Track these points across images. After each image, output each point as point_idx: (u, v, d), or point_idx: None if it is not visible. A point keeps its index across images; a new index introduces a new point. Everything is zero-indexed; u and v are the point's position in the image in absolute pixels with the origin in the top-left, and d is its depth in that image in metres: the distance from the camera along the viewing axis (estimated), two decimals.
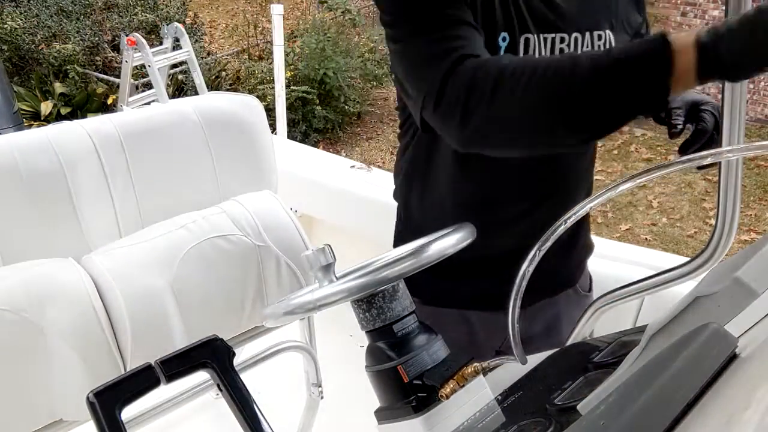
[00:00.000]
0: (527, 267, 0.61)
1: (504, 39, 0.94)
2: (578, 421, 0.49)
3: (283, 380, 1.89)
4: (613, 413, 0.45)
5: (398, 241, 1.22)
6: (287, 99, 4.94)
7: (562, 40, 0.95)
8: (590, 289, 1.25)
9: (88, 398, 0.58)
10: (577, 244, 1.17)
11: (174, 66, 4.66)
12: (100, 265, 1.23)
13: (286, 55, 6.39)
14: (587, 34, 0.95)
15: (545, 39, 0.94)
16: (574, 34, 0.95)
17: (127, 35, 4.00)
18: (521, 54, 0.94)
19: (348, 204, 2.24)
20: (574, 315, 1.16)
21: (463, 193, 1.08)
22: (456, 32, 0.83)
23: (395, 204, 1.24)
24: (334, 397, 1.67)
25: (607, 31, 0.97)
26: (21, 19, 6.43)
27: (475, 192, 1.07)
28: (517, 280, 0.62)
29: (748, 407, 0.35)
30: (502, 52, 0.93)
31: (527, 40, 0.93)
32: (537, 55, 0.95)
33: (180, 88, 6.58)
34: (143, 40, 3.86)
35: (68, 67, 6.29)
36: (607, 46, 0.96)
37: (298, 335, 1.54)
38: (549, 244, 0.62)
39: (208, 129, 1.50)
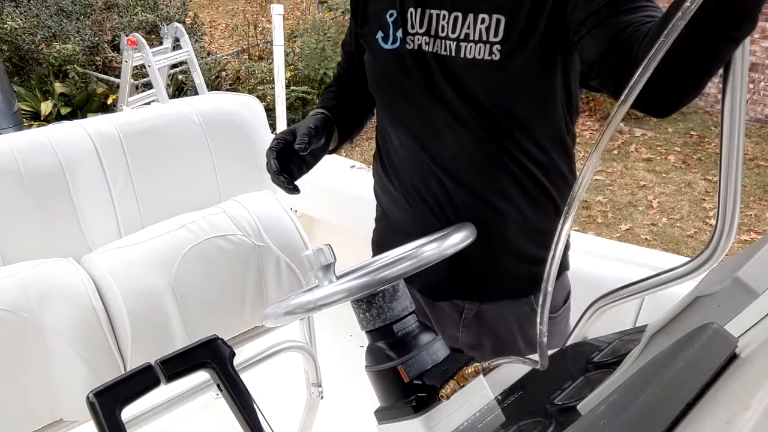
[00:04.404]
0: (555, 248, 0.58)
1: (391, 15, 1.04)
2: (578, 421, 0.49)
3: (283, 380, 1.89)
4: (613, 413, 0.45)
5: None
6: (287, 99, 4.94)
7: (443, 17, 0.98)
8: (558, 312, 1.16)
9: (88, 398, 0.58)
10: (530, 256, 1.10)
11: (174, 66, 4.67)
12: (100, 265, 1.23)
13: (286, 55, 6.40)
14: (470, 16, 0.95)
15: (430, 14, 0.99)
16: (455, 13, 0.96)
17: (127, 35, 4.00)
18: (402, 31, 1.02)
19: (348, 204, 2.24)
20: (528, 330, 1.13)
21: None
22: None
23: None
24: (334, 397, 1.67)
25: (495, 16, 0.93)
26: (21, 19, 6.43)
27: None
28: (548, 266, 0.58)
29: (748, 407, 0.35)
30: (390, 27, 1.04)
31: (411, 14, 1.01)
32: (416, 28, 1.01)
33: (180, 88, 6.58)
34: (143, 40, 3.86)
35: (68, 67, 6.29)
36: (491, 32, 0.93)
37: (298, 335, 1.54)
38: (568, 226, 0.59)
39: (208, 129, 1.51)
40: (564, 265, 1.18)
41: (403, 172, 1.11)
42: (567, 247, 1.17)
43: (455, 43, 0.97)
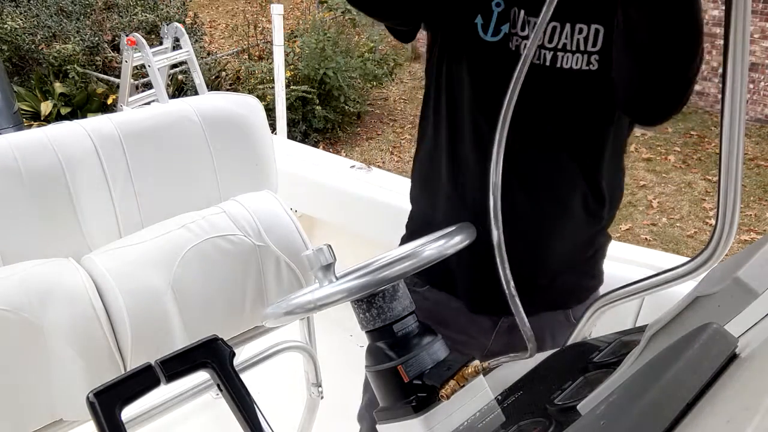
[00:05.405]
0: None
1: (498, 5, 0.96)
2: (578, 421, 0.49)
3: (283, 380, 1.89)
4: (613, 413, 0.45)
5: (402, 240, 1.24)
6: (287, 99, 4.94)
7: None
8: None
9: (88, 398, 0.58)
10: (573, 268, 1.12)
11: (174, 66, 4.66)
12: (100, 265, 1.23)
13: (286, 55, 6.39)
14: (567, 26, 0.93)
15: (528, 20, 0.95)
16: (552, 23, 0.93)
17: (127, 35, 4.00)
18: (509, 26, 0.96)
19: (348, 204, 2.24)
20: (560, 341, 1.15)
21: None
22: None
23: (395, 204, 1.25)
24: (334, 397, 1.67)
25: (594, 26, 0.92)
26: (21, 19, 6.43)
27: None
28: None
29: (748, 407, 0.35)
30: (495, 16, 0.96)
31: (515, 14, 0.95)
32: (516, 28, 0.95)
33: (180, 88, 6.58)
34: (143, 40, 3.86)
35: (68, 67, 6.29)
36: (589, 42, 0.93)
37: (298, 335, 1.54)
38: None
39: (208, 129, 1.50)
40: (599, 280, 1.17)
41: (465, 171, 1.05)
42: (602, 258, 1.17)
43: (551, 53, 0.95)
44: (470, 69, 1.00)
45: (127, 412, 0.64)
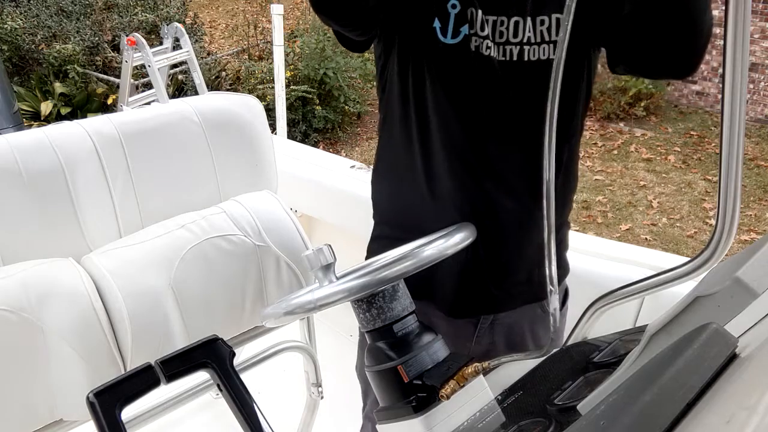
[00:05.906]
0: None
1: (454, 6, 0.95)
2: (578, 421, 0.49)
3: (283, 380, 1.89)
4: (613, 413, 0.45)
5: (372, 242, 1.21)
6: (287, 99, 4.94)
7: (501, 23, 0.95)
8: (561, 308, 1.19)
9: (88, 398, 0.58)
10: (545, 260, 1.13)
11: (174, 66, 4.66)
12: (100, 265, 1.23)
13: (286, 55, 6.39)
14: (528, 20, 0.94)
15: (486, 19, 0.95)
16: (514, 18, 0.94)
17: (127, 35, 4.00)
18: (468, 27, 0.95)
19: (348, 204, 2.24)
20: (539, 332, 1.15)
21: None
22: None
23: None
24: (334, 397, 1.67)
25: (555, 16, 0.94)
26: (21, 19, 6.44)
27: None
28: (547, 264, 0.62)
29: (748, 407, 0.35)
30: (452, 18, 0.95)
31: (472, 14, 0.95)
32: (475, 28, 0.95)
33: (180, 88, 6.58)
34: (143, 40, 3.86)
35: (68, 67, 6.29)
36: (552, 32, 0.95)
37: (298, 335, 1.54)
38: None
39: (208, 129, 1.50)
40: (566, 269, 1.18)
41: (440, 171, 1.04)
42: (566, 248, 1.18)
43: (518, 47, 0.96)
44: (434, 73, 0.99)
45: (127, 412, 0.64)
